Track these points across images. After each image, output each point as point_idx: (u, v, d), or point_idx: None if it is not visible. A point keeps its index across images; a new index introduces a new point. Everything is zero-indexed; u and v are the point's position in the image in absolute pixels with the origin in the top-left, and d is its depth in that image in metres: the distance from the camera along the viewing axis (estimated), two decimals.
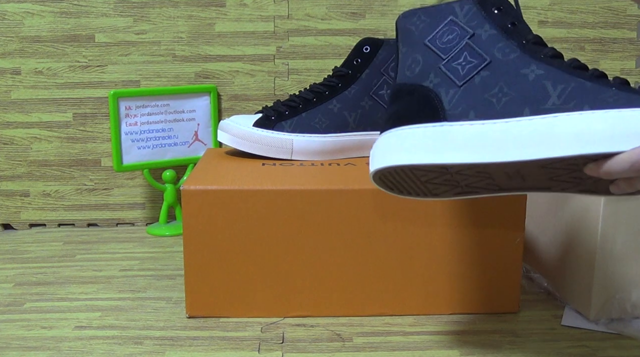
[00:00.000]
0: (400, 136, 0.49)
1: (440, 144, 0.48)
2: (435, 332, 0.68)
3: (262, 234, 0.69)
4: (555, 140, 0.44)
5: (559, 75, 0.47)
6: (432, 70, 0.51)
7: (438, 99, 0.50)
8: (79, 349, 0.64)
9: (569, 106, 0.45)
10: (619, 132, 0.42)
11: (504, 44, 0.50)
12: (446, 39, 0.51)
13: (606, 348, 0.64)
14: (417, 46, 0.52)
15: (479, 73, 0.49)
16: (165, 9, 1.03)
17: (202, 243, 0.69)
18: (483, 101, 0.48)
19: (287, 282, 0.70)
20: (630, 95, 0.44)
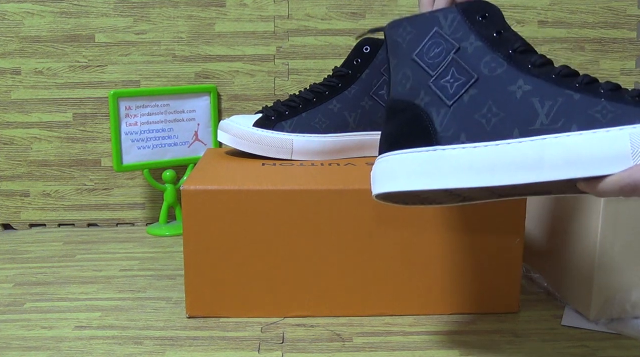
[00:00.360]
0: (397, 162, 0.50)
1: (436, 169, 0.48)
2: (435, 332, 0.68)
3: (262, 234, 0.69)
4: (545, 165, 0.45)
5: (547, 89, 0.46)
6: (422, 88, 0.51)
7: (429, 119, 0.50)
8: (79, 349, 0.64)
9: (557, 126, 0.45)
10: (607, 155, 0.43)
11: (490, 57, 0.49)
12: (433, 53, 0.51)
13: (606, 348, 0.64)
14: (406, 61, 0.52)
15: (468, 91, 0.49)
16: (165, 9, 1.03)
17: (202, 243, 0.69)
18: (473, 122, 0.48)
19: (287, 282, 0.70)
20: (618, 109, 0.44)
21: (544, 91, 0.46)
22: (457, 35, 0.51)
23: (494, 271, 0.71)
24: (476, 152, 0.47)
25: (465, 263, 0.70)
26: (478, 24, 0.51)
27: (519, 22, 1.06)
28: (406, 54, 0.52)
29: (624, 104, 0.44)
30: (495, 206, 0.69)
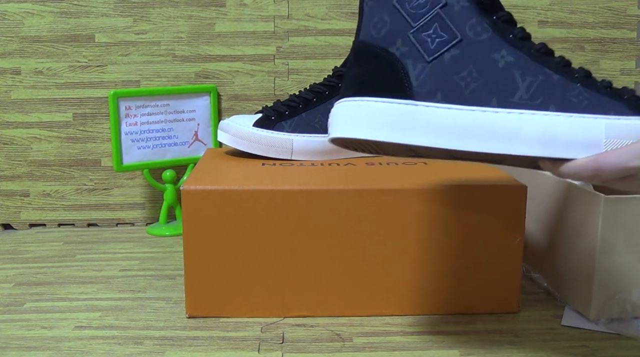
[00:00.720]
0: (365, 108, 0.49)
1: (407, 124, 0.48)
2: (435, 332, 0.68)
3: (262, 234, 0.69)
4: (519, 139, 0.46)
5: (528, 64, 0.47)
6: (399, 37, 0.49)
7: (405, 71, 0.49)
8: (79, 349, 0.64)
9: (535, 103, 0.46)
10: (581, 140, 0.45)
11: (476, 20, 0.49)
12: (416, 3, 0.50)
13: (606, 348, 0.64)
14: (385, 5, 0.50)
15: (449, 51, 0.48)
16: (165, 9, 1.03)
17: (202, 243, 0.69)
18: (451, 83, 0.48)
19: (287, 282, 0.70)
20: (593, 97, 0.45)
21: (526, 66, 0.47)
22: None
23: (494, 271, 0.71)
24: (450, 114, 0.47)
25: (465, 263, 0.70)
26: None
27: (519, 22, 1.06)
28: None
29: (597, 92, 0.46)
30: (496, 206, 0.69)
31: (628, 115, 0.45)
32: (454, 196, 0.69)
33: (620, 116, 0.45)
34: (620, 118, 0.45)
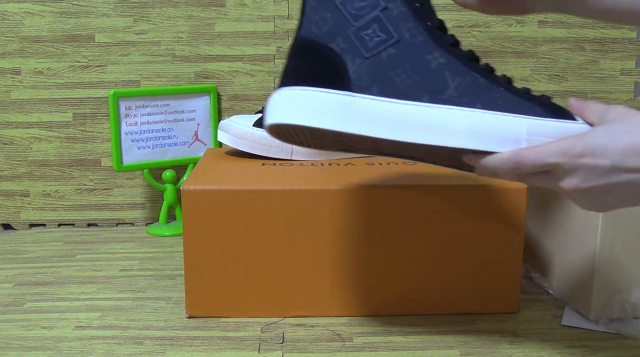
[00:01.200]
0: (305, 96, 0.51)
1: (344, 113, 0.50)
2: (435, 332, 0.68)
3: (262, 234, 0.69)
4: (449, 131, 0.49)
5: (458, 66, 0.51)
6: (340, 34, 0.52)
7: (344, 65, 0.51)
8: (79, 349, 0.64)
9: (463, 101, 0.50)
10: (505, 135, 0.49)
11: (413, 24, 0.52)
12: (358, 5, 0.52)
13: (606, 348, 0.64)
14: (328, 4, 0.53)
15: (387, 49, 0.51)
16: (165, 9, 1.03)
17: (202, 243, 0.69)
18: (387, 78, 0.51)
19: (287, 282, 0.70)
20: (516, 101, 0.50)
21: (456, 68, 0.51)
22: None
23: (494, 271, 0.71)
24: (385, 106, 0.50)
25: (465, 263, 0.70)
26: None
27: (519, 22, 1.06)
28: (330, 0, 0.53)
29: (518, 97, 0.50)
30: (496, 205, 0.69)
31: (546, 117, 0.49)
32: (454, 196, 0.69)
33: (540, 117, 0.49)
34: (540, 119, 0.49)
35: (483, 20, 1.06)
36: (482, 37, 1.06)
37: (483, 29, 1.06)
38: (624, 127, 0.45)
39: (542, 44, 1.07)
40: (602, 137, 0.46)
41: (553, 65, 1.08)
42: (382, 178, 0.72)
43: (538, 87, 1.08)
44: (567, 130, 0.49)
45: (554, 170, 0.47)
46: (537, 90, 1.09)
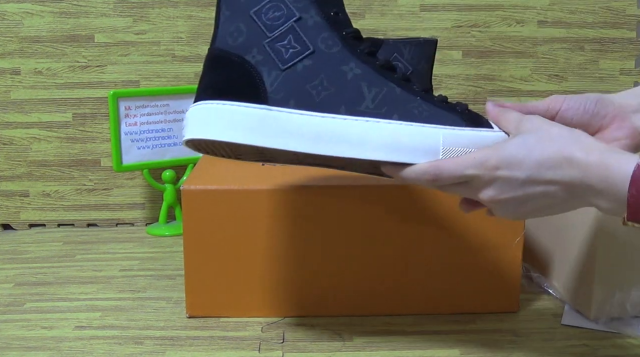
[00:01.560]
0: (222, 111, 0.51)
1: (261, 127, 0.50)
2: (435, 332, 0.68)
3: (262, 233, 0.69)
4: (366, 144, 0.49)
5: (374, 77, 0.51)
6: (255, 46, 0.52)
7: (260, 78, 0.51)
8: (79, 349, 0.64)
9: (380, 112, 0.50)
10: (421, 146, 0.49)
11: (328, 34, 0.52)
12: (272, 15, 0.52)
13: (606, 347, 0.64)
14: (242, 15, 0.53)
15: (302, 61, 0.51)
16: (165, 9, 1.03)
17: (202, 243, 0.69)
18: (303, 91, 0.51)
19: (287, 282, 0.70)
20: (431, 110, 0.50)
21: (372, 78, 0.51)
22: (299, 5, 0.52)
23: (494, 271, 0.71)
24: (302, 119, 0.50)
25: (466, 263, 0.70)
26: (320, 0, 0.53)
27: (519, 22, 1.06)
28: (243, 9, 0.53)
29: (435, 106, 0.50)
30: None
31: (462, 126, 0.49)
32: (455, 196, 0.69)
33: (455, 127, 0.49)
34: (456, 129, 0.49)
35: (483, 20, 1.06)
36: (482, 37, 1.07)
37: (483, 29, 1.06)
38: (538, 140, 0.46)
39: (541, 44, 1.07)
40: (517, 150, 0.46)
41: (553, 65, 1.08)
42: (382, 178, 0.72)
43: (538, 87, 1.09)
44: (483, 139, 0.49)
45: (472, 182, 0.48)
46: (537, 90, 1.09)
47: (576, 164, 0.44)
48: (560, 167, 0.45)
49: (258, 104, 0.51)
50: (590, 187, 0.44)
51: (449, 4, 1.05)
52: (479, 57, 1.07)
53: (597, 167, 0.43)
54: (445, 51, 1.06)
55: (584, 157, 0.44)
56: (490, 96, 1.08)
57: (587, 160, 0.44)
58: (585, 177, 0.44)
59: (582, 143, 0.45)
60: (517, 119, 0.49)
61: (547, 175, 0.45)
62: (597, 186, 0.43)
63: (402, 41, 0.82)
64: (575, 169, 0.44)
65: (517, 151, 0.46)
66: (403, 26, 1.06)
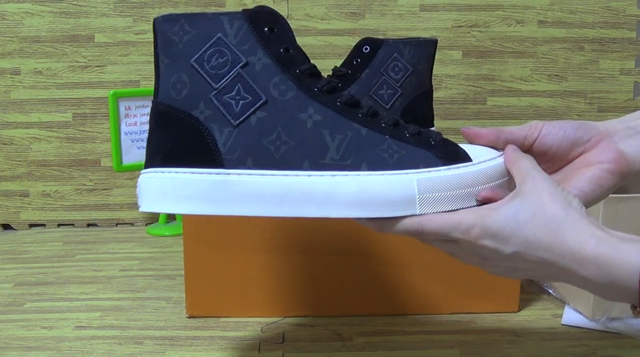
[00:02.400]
0: (175, 181, 0.47)
1: (219, 195, 0.46)
2: (435, 332, 0.68)
3: (262, 234, 0.69)
4: (335, 202, 0.45)
5: (336, 121, 0.46)
6: (202, 99, 0.47)
7: (211, 137, 0.46)
8: (79, 349, 0.64)
9: (347, 163, 0.45)
10: (396, 198, 0.44)
11: (280, 78, 0.47)
12: (215, 62, 0.47)
13: (606, 347, 0.64)
14: (182, 64, 0.47)
15: (255, 113, 0.46)
16: (165, 9, 1.03)
17: (202, 243, 0.69)
18: (261, 148, 0.46)
19: (287, 282, 0.70)
20: (402, 149, 0.46)
21: (334, 123, 0.46)
22: (244, 47, 0.47)
23: None
24: (264, 181, 0.45)
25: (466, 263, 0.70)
26: (266, 37, 0.47)
27: (519, 22, 1.06)
28: (183, 57, 0.47)
29: (406, 143, 0.46)
30: None
31: (437, 165, 0.45)
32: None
33: (430, 168, 0.45)
34: (431, 170, 0.45)
35: (483, 20, 1.06)
36: (482, 37, 1.07)
37: (483, 29, 1.06)
38: (530, 217, 0.42)
39: (541, 44, 1.07)
40: (505, 223, 0.42)
41: (553, 65, 1.08)
42: None
43: (538, 87, 1.09)
44: (461, 178, 0.45)
45: (458, 242, 0.45)
46: (537, 90, 1.09)
47: (569, 255, 0.41)
48: (552, 252, 0.41)
49: (213, 169, 0.46)
50: (587, 280, 0.41)
51: (449, 4, 1.05)
52: (479, 57, 1.07)
53: (593, 262, 0.40)
54: (445, 51, 1.06)
55: (579, 248, 0.40)
56: (491, 96, 1.09)
57: (582, 252, 0.40)
58: (580, 269, 0.41)
59: (577, 230, 0.41)
60: (525, 171, 0.45)
61: (537, 254, 0.42)
62: (595, 279, 0.40)
63: (402, 41, 0.82)
64: (568, 259, 0.41)
65: (505, 224, 0.42)
66: (403, 26, 1.06)
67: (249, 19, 0.47)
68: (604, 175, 0.48)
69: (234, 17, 0.47)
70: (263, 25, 0.48)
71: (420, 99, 0.85)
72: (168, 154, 0.48)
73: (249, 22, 0.47)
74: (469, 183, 0.45)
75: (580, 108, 1.10)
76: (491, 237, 0.43)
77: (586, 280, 0.41)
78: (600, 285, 0.41)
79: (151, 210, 0.48)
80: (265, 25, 0.48)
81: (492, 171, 0.47)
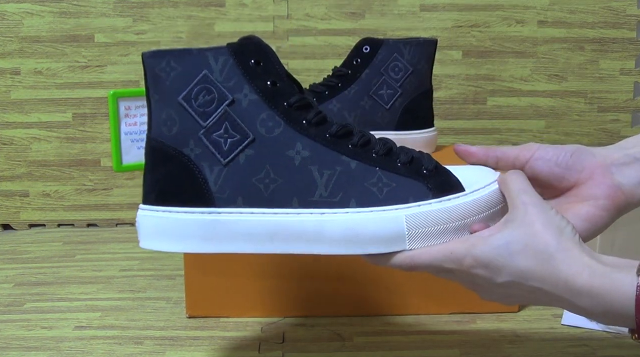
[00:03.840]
0: (169, 222, 0.47)
1: (212, 234, 0.47)
2: (435, 332, 0.68)
3: None
4: (324, 239, 0.45)
5: (325, 155, 0.46)
6: (191, 137, 0.47)
7: (202, 176, 0.47)
8: (79, 349, 0.64)
9: (335, 201, 0.45)
10: (384, 236, 0.44)
11: (267, 114, 0.46)
12: (202, 100, 0.47)
13: (606, 347, 0.64)
14: (171, 101, 0.47)
15: (244, 151, 0.46)
16: (165, 9, 1.03)
17: None
18: (250, 186, 0.46)
19: (287, 282, 0.70)
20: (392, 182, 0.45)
21: (322, 158, 0.46)
22: (230, 84, 0.47)
23: None
24: (254, 220, 0.46)
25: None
26: (252, 71, 0.47)
27: (519, 22, 1.06)
28: (171, 94, 0.47)
29: (396, 174, 0.45)
30: None
31: (427, 198, 0.45)
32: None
33: (420, 202, 0.45)
34: (421, 204, 0.45)
35: (483, 20, 1.06)
36: (482, 37, 1.07)
37: (483, 29, 1.06)
38: (522, 247, 0.41)
39: (541, 44, 1.07)
40: (497, 253, 0.42)
41: (553, 65, 1.08)
42: None
43: (538, 87, 1.09)
44: (451, 212, 0.44)
45: (452, 271, 0.44)
46: (537, 90, 1.09)
47: (562, 286, 0.40)
48: (545, 282, 0.41)
49: (205, 208, 0.47)
50: (582, 308, 0.41)
51: (449, 4, 1.05)
52: (479, 57, 1.07)
53: (587, 293, 0.40)
54: (445, 51, 1.06)
55: (572, 279, 0.40)
56: (491, 96, 1.09)
57: (575, 284, 0.40)
58: (574, 299, 0.40)
59: (570, 261, 0.41)
60: (516, 194, 0.44)
61: (529, 284, 0.42)
62: (590, 309, 0.40)
63: (402, 41, 0.83)
64: (561, 289, 0.41)
65: (497, 254, 0.42)
66: (403, 26, 1.06)
67: (233, 54, 0.47)
68: (598, 213, 0.47)
69: (219, 52, 0.47)
70: (248, 58, 0.47)
71: (420, 99, 0.85)
72: (161, 192, 0.48)
73: (234, 56, 0.47)
74: (460, 216, 0.45)
75: (580, 108, 1.10)
76: (483, 267, 0.42)
77: (581, 309, 0.41)
78: (596, 313, 0.41)
79: (150, 248, 0.49)
80: (250, 58, 0.47)
81: (485, 201, 0.46)
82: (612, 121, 1.10)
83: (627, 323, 0.40)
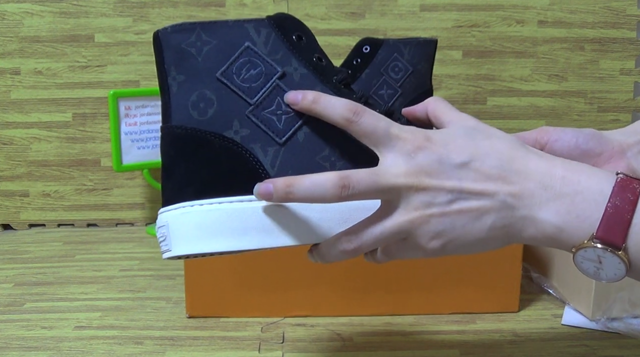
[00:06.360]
0: (221, 213, 0.40)
1: (276, 223, 0.40)
2: (435, 332, 0.68)
3: None
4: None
5: None
6: (235, 117, 0.41)
7: (255, 159, 0.41)
8: (79, 349, 0.64)
9: None
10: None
11: (320, 89, 0.42)
12: (247, 75, 0.42)
13: (606, 347, 0.64)
14: (205, 78, 0.42)
15: (302, 128, 0.41)
16: (165, 9, 1.03)
17: None
18: (315, 166, 0.41)
19: (287, 282, 0.70)
20: None
21: None
22: (277, 57, 0.43)
23: (494, 271, 0.71)
24: (326, 204, 0.40)
25: (466, 263, 0.70)
26: (297, 45, 0.44)
27: (519, 22, 1.06)
28: (205, 71, 0.42)
29: None
30: None
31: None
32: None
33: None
34: None
35: (483, 20, 1.06)
36: (482, 37, 1.07)
37: (483, 29, 1.06)
38: (473, 127, 0.41)
39: (541, 44, 1.07)
40: (448, 139, 0.41)
41: (553, 65, 1.08)
42: None
43: (538, 87, 1.09)
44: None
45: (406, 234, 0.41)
46: (537, 90, 1.09)
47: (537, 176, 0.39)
48: (511, 170, 0.39)
49: None
50: (543, 218, 0.39)
51: (449, 4, 1.05)
52: (479, 57, 1.07)
53: (560, 180, 0.39)
54: (445, 51, 1.06)
55: (546, 167, 0.39)
56: (491, 96, 1.09)
57: (549, 170, 0.39)
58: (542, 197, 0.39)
59: (538, 153, 0.40)
60: (441, 113, 0.43)
61: (491, 170, 0.39)
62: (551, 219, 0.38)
63: (402, 41, 0.82)
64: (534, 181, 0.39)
65: (449, 139, 0.40)
66: (403, 26, 1.06)
67: (276, 26, 0.43)
68: None
69: (260, 24, 0.43)
70: (291, 32, 0.44)
71: (420, 99, 0.84)
72: (204, 183, 0.41)
73: (276, 29, 0.43)
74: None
75: (580, 108, 1.10)
76: (427, 175, 0.39)
77: (543, 219, 0.39)
78: (553, 224, 0.39)
79: (191, 252, 0.41)
80: (293, 32, 0.44)
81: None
82: (612, 121, 1.10)
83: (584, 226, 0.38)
